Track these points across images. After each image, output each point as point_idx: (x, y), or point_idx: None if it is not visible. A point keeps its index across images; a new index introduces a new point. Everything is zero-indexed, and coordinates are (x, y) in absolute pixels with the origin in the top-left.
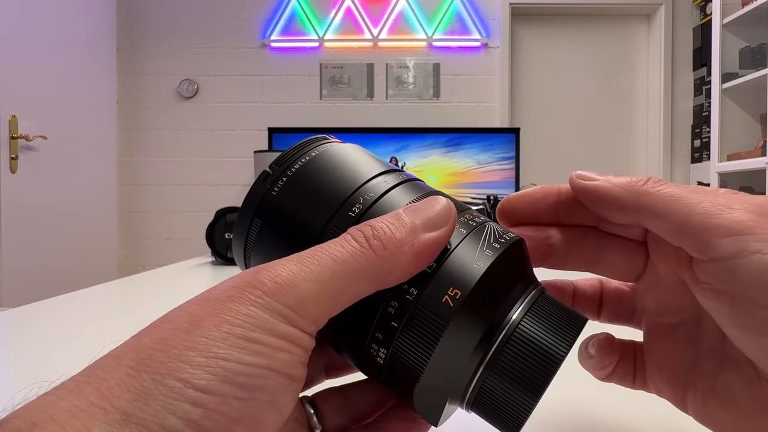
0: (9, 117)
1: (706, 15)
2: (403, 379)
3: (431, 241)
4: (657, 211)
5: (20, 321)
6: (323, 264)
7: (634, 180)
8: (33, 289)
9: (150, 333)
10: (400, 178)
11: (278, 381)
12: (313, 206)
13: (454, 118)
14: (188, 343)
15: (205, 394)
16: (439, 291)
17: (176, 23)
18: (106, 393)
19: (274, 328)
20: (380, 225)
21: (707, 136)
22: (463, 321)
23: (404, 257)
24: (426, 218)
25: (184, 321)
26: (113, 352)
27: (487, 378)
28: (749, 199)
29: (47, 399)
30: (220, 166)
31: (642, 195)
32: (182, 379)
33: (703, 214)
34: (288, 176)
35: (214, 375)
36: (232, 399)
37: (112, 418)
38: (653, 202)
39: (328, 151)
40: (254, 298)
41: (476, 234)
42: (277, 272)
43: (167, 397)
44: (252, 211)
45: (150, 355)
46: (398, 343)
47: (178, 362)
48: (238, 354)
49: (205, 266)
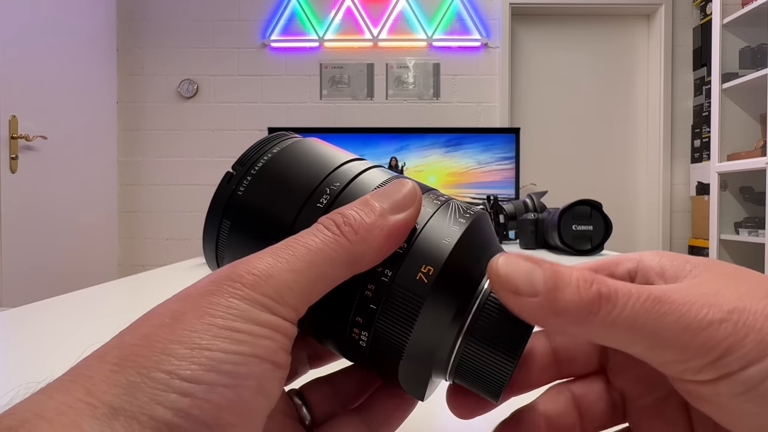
0: (9, 117)
1: (706, 15)
2: (387, 359)
3: (400, 223)
4: (620, 339)
5: (20, 321)
6: (298, 253)
7: (585, 303)
8: (33, 289)
9: (132, 331)
10: (364, 166)
11: (263, 367)
12: (281, 201)
13: (454, 118)
14: (171, 337)
15: (191, 383)
16: (413, 269)
17: (176, 23)
18: (92, 389)
19: (255, 317)
20: (350, 212)
21: (707, 136)
22: (438, 295)
23: (376, 240)
24: (393, 201)
25: (165, 317)
26: (96, 351)
27: (466, 346)
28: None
29: (35, 398)
30: (220, 166)
31: (598, 326)
32: (168, 371)
33: (674, 340)
34: (252, 174)
35: (199, 365)
36: (219, 387)
37: (100, 412)
38: (612, 333)
39: (290, 147)
40: (233, 291)
41: (442, 211)
42: (254, 265)
43: (154, 389)
44: (220, 213)
45: (134, 351)
46: (378, 324)
47: (162, 355)
48: (221, 343)
49: (205, 266)
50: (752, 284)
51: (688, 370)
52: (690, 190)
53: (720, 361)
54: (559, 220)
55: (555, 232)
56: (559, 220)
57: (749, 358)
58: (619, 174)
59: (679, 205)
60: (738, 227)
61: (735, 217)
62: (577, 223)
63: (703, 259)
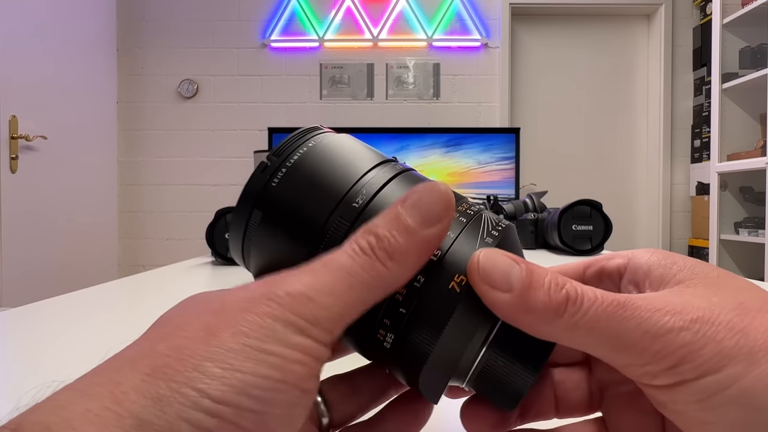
0: (9, 117)
1: (706, 15)
2: (410, 363)
3: (434, 237)
4: (583, 342)
5: (20, 321)
6: (337, 277)
7: (552, 306)
8: (33, 289)
9: (165, 339)
10: (397, 169)
11: (291, 395)
12: (315, 198)
13: (454, 118)
14: (204, 354)
15: (220, 405)
16: (446, 278)
17: (176, 23)
18: (120, 397)
19: (290, 340)
20: (383, 233)
21: (707, 136)
22: (468, 305)
23: (411, 262)
24: (425, 214)
25: (199, 330)
26: (126, 354)
27: (490, 356)
28: (682, 303)
29: (60, 401)
30: (220, 166)
31: (562, 328)
32: (198, 389)
33: (633, 344)
34: (287, 167)
35: (230, 386)
36: (246, 411)
37: (127, 423)
38: (575, 336)
39: (324, 142)
40: (269, 310)
41: (475, 223)
42: (292, 284)
43: (183, 405)
44: (252, 203)
45: (166, 362)
46: (406, 328)
47: (194, 372)
48: (253, 366)
49: (205, 266)
50: (728, 295)
51: (646, 375)
52: (690, 190)
53: (675, 369)
54: (559, 220)
55: (555, 232)
56: (559, 220)
57: (705, 368)
58: (619, 174)
59: (679, 205)
60: (738, 227)
61: (735, 217)
62: (577, 223)
63: (691, 262)
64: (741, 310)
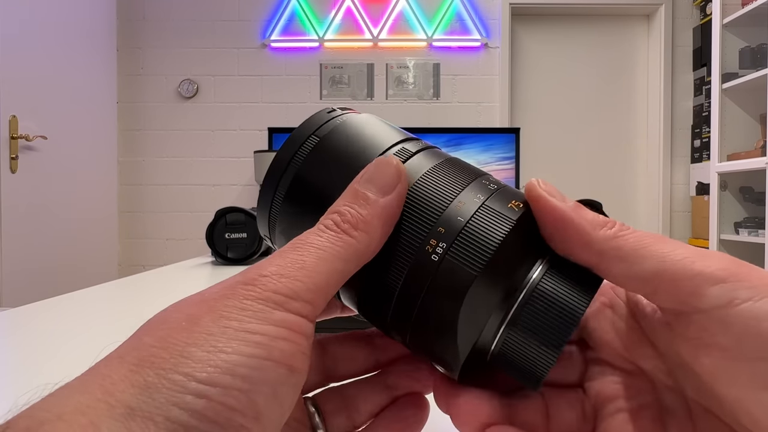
0: (9, 117)
1: (706, 15)
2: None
3: (392, 203)
4: (627, 254)
5: (20, 321)
6: (306, 252)
7: (602, 219)
8: (33, 289)
9: (150, 332)
10: (419, 146)
11: (278, 372)
12: (336, 175)
13: (454, 118)
14: (189, 340)
15: (207, 385)
16: (504, 201)
17: (176, 23)
18: (110, 388)
19: (270, 317)
20: (344, 209)
21: (707, 136)
22: (489, 276)
23: (375, 230)
24: (379, 184)
25: (181, 320)
26: (115, 351)
27: (510, 333)
28: (716, 252)
29: (53, 398)
30: (220, 166)
31: (610, 238)
32: (185, 373)
33: (682, 260)
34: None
35: (215, 367)
36: (234, 390)
37: (118, 412)
38: (622, 245)
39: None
40: (246, 292)
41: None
42: (264, 267)
43: (171, 390)
44: (276, 180)
45: (152, 352)
46: (459, 239)
47: (180, 357)
48: (237, 346)
49: (205, 266)
50: None
51: (694, 294)
52: (690, 190)
53: (726, 285)
54: None
55: None
56: None
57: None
58: (619, 174)
59: (679, 205)
60: (738, 227)
61: (735, 217)
62: None
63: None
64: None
